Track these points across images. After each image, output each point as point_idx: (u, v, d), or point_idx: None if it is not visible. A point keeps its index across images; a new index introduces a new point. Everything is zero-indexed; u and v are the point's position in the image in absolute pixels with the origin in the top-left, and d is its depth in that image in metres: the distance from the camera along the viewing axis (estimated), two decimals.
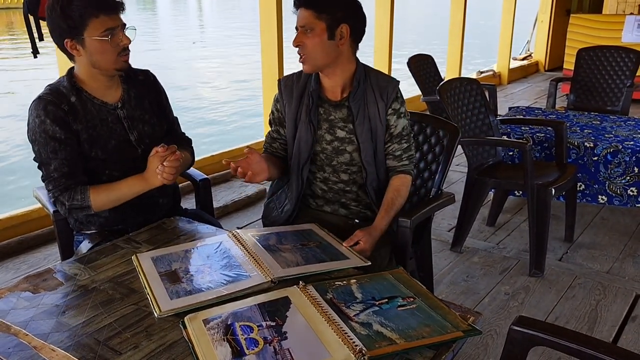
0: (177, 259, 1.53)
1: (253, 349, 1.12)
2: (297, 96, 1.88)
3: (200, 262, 1.51)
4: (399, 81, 1.90)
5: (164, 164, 1.66)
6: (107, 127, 1.77)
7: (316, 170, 1.93)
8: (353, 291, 1.33)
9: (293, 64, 2.02)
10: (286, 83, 1.92)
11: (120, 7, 1.69)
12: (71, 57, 1.73)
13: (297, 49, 1.78)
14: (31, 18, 2.02)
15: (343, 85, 1.86)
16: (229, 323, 1.21)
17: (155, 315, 1.27)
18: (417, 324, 1.20)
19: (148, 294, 1.35)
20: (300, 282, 1.36)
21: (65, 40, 1.67)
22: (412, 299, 1.30)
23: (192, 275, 1.44)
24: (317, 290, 1.32)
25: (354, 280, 1.38)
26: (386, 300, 1.29)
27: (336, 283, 1.37)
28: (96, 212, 1.74)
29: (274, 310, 1.26)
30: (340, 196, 1.95)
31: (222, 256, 1.53)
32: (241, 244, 1.59)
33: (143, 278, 1.42)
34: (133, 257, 1.54)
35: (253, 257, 1.50)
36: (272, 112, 1.97)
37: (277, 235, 1.69)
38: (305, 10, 1.74)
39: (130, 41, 1.71)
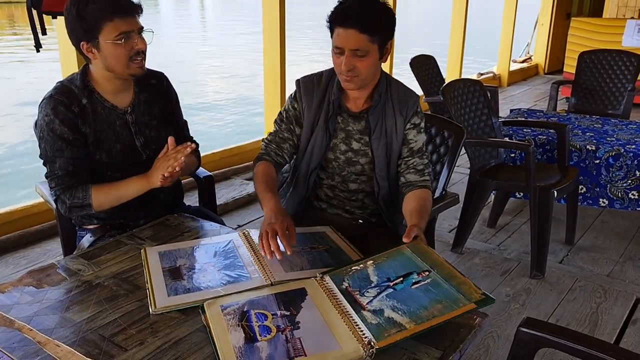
0: (183, 255, 1.52)
1: (265, 336, 1.16)
2: (317, 101, 1.81)
3: (205, 259, 1.51)
4: (419, 95, 1.85)
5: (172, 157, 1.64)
6: (114, 131, 1.75)
7: (324, 177, 1.89)
8: (369, 274, 1.35)
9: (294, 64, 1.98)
10: (306, 85, 1.83)
11: (137, 10, 1.66)
12: (88, 60, 1.72)
13: (341, 68, 1.66)
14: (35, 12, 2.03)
15: (367, 97, 1.80)
16: (244, 310, 1.25)
17: (151, 310, 1.27)
18: (429, 302, 1.22)
19: (148, 289, 1.35)
20: (318, 274, 1.38)
21: (82, 42, 1.65)
22: (427, 273, 1.32)
23: (194, 272, 1.43)
24: (334, 280, 1.34)
25: (371, 262, 1.40)
26: (401, 279, 1.31)
27: (353, 268, 1.38)
28: (96, 211, 1.72)
29: (289, 300, 1.29)
30: (345, 204, 1.92)
31: (227, 255, 1.52)
32: (249, 243, 1.58)
33: (147, 272, 1.42)
34: (142, 251, 1.54)
35: (257, 258, 1.49)
36: (287, 110, 1.86)
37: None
38: (358, 34, 1.61)
39: (145, 45, 1.69)
